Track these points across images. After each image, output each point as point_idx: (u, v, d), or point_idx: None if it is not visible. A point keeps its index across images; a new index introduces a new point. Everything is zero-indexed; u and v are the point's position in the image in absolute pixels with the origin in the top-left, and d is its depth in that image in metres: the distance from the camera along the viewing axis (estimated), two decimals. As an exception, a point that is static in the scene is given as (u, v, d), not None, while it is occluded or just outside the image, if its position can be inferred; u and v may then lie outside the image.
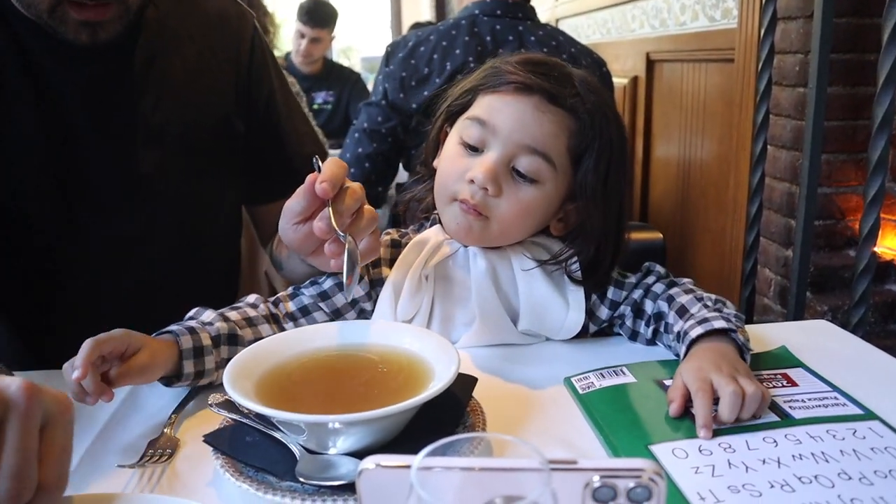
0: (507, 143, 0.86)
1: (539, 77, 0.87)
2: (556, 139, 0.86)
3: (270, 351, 0.73)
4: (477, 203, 0.86)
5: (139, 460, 0.67)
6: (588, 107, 0.87)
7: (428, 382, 0.67)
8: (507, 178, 0.86)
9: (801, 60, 1.66)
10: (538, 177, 0.87)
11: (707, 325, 0.81)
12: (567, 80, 0.88)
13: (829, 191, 1.72)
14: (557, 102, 0.86)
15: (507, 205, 0.86)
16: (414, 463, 0.41)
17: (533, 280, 0.91)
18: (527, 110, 0.86)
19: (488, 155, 0.86)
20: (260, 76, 1.13)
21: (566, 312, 0.92)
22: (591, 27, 3.38)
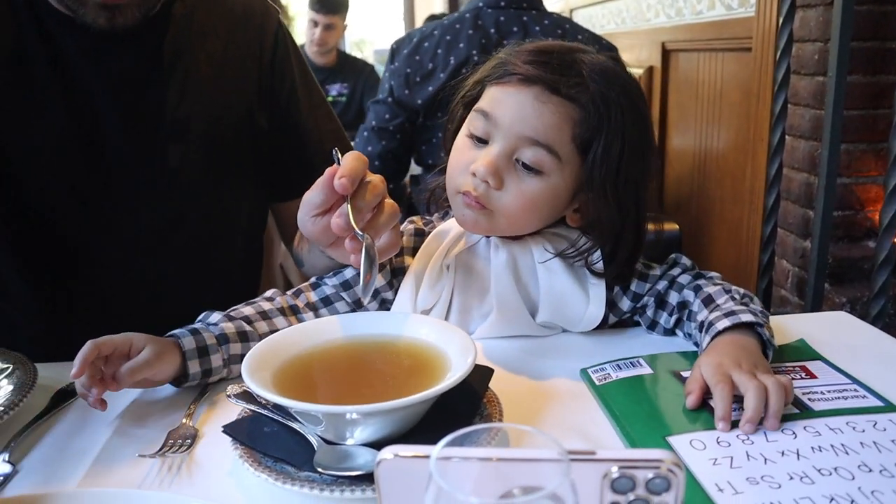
0: (508, 136, 0.85)
1: (540, 67, 0.85)
2: (559, 130, 0.84)
3: (289, 342, 0.73)
4: (479, 195, 0.85)
5: (159, 450, 0.67)
6: (593, 95, 0.84)
7: (445, 373, 0.67)
8: (511, 170, 0.86)
9: (820, 49, 1.64)
10: (542, 168, 0.85)
11: (734, 318, 0.80)
12: (571, 68, 0.85)
13: (848, 181, 1.70)
14: (559, 92, 0.84)
15: (511, 197, 0.86)
16: (433, 453, 0.41)
17: (553, 272, 0.91)
18: (527, 101, 0.85)
19: (491, 148, 0.86)
20: (283, 71, 1.13)
21: (586, 306, 0.91)
22: (605, 17, 3.36)
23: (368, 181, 0.77)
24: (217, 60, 1.05)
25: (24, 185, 0.96)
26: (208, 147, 1.05)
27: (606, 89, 0.85)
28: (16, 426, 0.73)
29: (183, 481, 0.64)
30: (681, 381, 0.78)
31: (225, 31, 1.07)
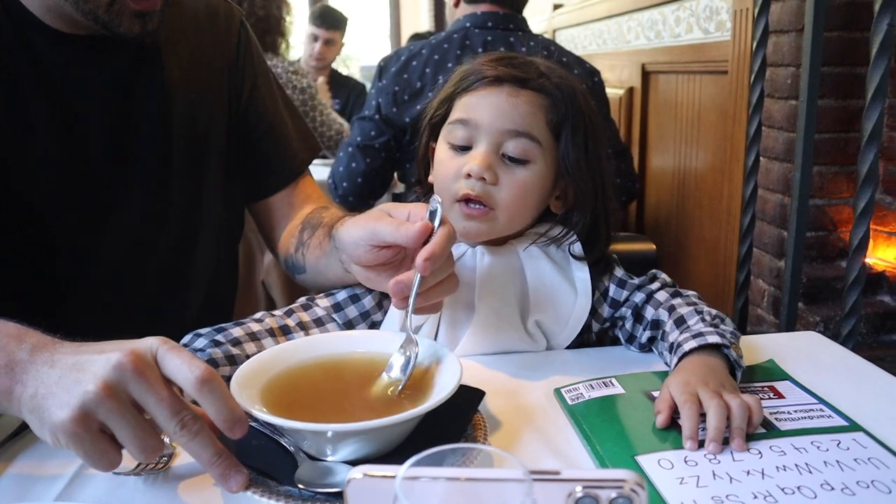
0: (491, 133, 0.90)
1: (504, 67, 0.93)
2: (535, 117, 0.91)
3: (278, 359, 0.74)
4: (479, 194, 0.89)
5: (135, 468, 0.67)
6: (555, 83, 0.93)
7: (430, 394, 0.68)
8: (500, 165, 0.91)
9: (792, 73, 1.68)
10: (528, 156, 0.91)
11: (701, 340, 0.82)
12: (530, 65, 0.94)
13: (821, 202, 1.74)
14: (527, 85, 0.92)
15: (507, 190, 0.90)
16: (399, 473, 0.42)
17: (539, 266, 0.94)
18: (501, 98, 0.91)
19: (478, 149, 0.91)
20: (248, 70, 1.15)
21: (574, 297, 0.94)
22: (587, 38, 3.40)
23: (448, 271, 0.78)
24: (187, 64, 1.07)
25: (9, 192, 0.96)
26: (186, 149, 1.05)
27: (564, 80, 0.94)
28: (-9, 445, 0.73)
29: (159, 498, 0.65)
30: (652, 401, 0.80)
31: (192, 34, 1.08)
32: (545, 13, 3.95)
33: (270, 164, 1.17)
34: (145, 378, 0.59)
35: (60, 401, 0.59)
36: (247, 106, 1.15)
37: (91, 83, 0.98)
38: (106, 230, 1.02)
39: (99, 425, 0.59)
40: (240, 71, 1.14)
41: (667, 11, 2.48)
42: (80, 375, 0.59)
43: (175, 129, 1.04)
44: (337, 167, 2.06)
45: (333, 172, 2.08)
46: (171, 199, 1.06)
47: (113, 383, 0.58)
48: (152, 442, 0.60)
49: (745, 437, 0.71)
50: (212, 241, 1.15)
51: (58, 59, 0.96)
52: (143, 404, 0.59)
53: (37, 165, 0.96)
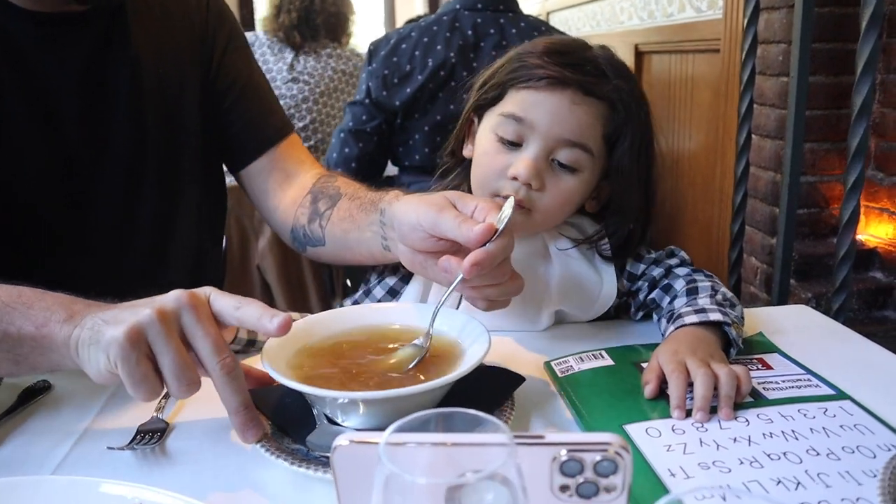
0: (546, 138, 0.87)
1: (570, 70, 0.87)
2: (593, 129, 0.89)
3: (314, 327, 0.77)
4: (522, 199, 0.87)
5: (129, 443, 0.68)
6: (619, 91, 0.89)
7: (453, 368, 0.67)
8: (548, 170, 0.89)
9: (784, 50, 1.68)
10: (578, 166, 0.89)
11: (703, 316, 0.83)
12: (596, 68, 0.89)
13: (813, 179, 1.74)
14: (592, 94, 0.88)
15: (550, 197, 0.89)
16: (382, 438, 0.42)
17: (568, 259, 0.95)
18: (563, 104, 0.87)
19: (528, 151, 0.88)
20: (214, 37, 1.12)
21: (601, 287, 0.95)
22: (581, 20, 3.39)
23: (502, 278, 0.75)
24: (156, 37, 1.05)
25: None
26: (159, 125, 1.04)
27: (625, 84, 0.90)
28: (-18, 424, 0.73)
29: (153, 472, 0.65)
30: (641, 372, 0.81)
31: (159, 7, 1.07)
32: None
33: (248, 127, 1.14)
34: (197, 312, 0.64)
35: (118, 321, 0.62)
36: (216, 73, 1.12)
37: (63, 63, 0.97)
38: (84, 212, 1.01)
39: (147, 349, 0.62)
40: (209, 39, 1.12)
41: (659, -10, 2.48)
42: (137, 308, 0.64)
43: (147, 105, 1.03)
44: (331, 153, 2.06)
45: (328, 159, 2.08)
46: (146, 176, 1.05)
47: (167, 310, 0.63)
48: (190, 374, 0.63)
49: (732, 406, 0.71)
50: (191, 221, 1.14)
51: (28, 39, 0.94)
52: (190, 337, 0.64)
53: (13, 149, 0.95)
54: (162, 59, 1.05)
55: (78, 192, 1.00)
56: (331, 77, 2.62)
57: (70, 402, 0.79)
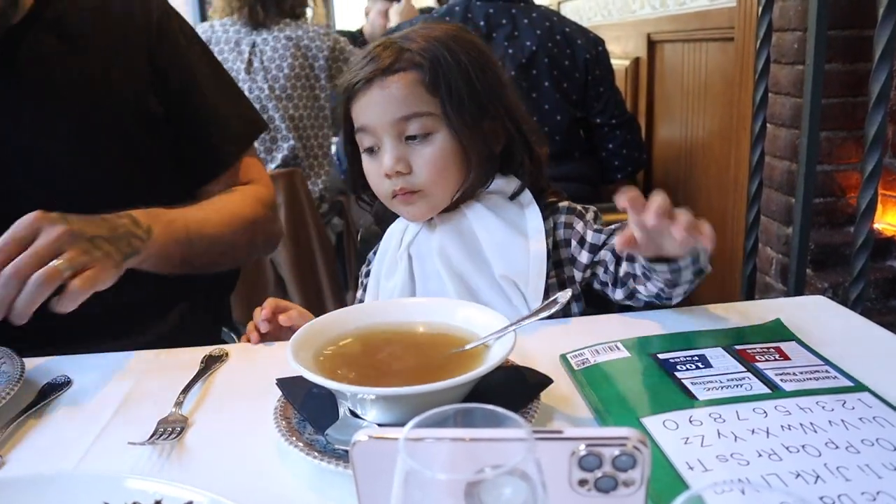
0: (385, 129, 0.94)
1: (368, 63, 0.94)
2: (413, 94, 0.93)
3: (341, 321, 0.77)
4: (403, 185, 0.95)
5: (149, 438, 0.69)
6: (416, 54, 0.94)
7: (476, 366, 0.67)
8: (409, 150, 0.95)
9: (799, 38, 1.66)
10: (427, 130, 0.94)
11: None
12: (391, 46, 0.95)
13: (829, 168, 1.72)
14: (392, 70, 0.93)
15: (423, 169, 0.94)
16: (402, 433, 0.43)
17: (488, 223, 0.98)
18: (376, 94, 0.94)
19: (383, 147, 0.95)
20: (172, 54, 1.11)
21: (527, 243, 0.97)
22: (592, 9, 3.37)
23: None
24: (99, 52, 1.04)
25: None
26: (99, 137, 1.03)
27: (425, 43, 0.95)
28: (2, 419, 0.74)
29: (173, 466, 0.66)
30: (657, 364, 0.80)
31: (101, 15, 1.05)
32: (549, -15, 3.91)
33: (204, 152, 1.15)
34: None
35: None
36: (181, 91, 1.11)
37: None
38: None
39: None
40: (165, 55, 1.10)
41: (672, -22, 2.46)
42: None
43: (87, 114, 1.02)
44: (340, 148, 2.06)
45: (338, 148, 2.08)
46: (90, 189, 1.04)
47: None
48: None
49: (691, 224, 0.77)
50: None
51: None
52: None
53: None
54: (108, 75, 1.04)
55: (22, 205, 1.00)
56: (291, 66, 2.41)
57: (90, 396, 0.80)
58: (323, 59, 2.43)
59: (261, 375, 0.81)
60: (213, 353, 0.88)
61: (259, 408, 0.73)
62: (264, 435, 0.68)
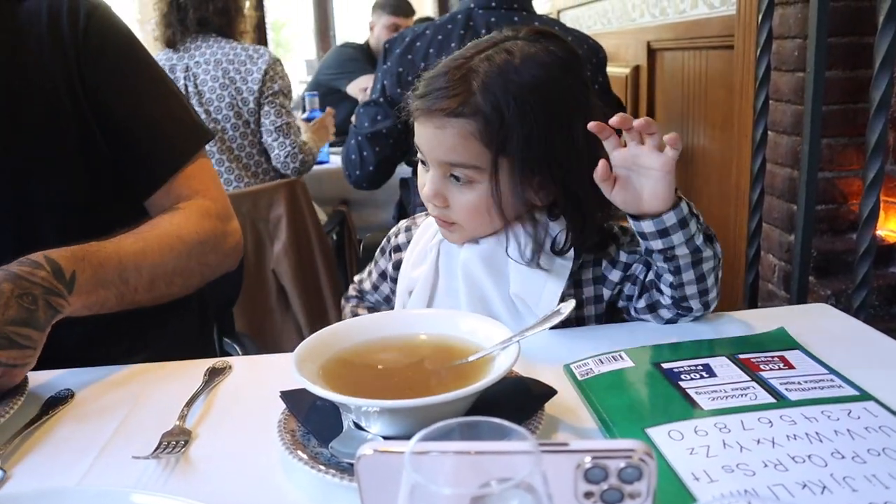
0: (433, 163, 0.95)
1: (431, 99, 0.92)
2: (466, 146, 0.91)
3: (344, 334, 0.77)
4: (438, 216, 0.97)
5: (153, 452, 0.69)
6: (482, 98, 0.90)
7: (480, 378, 0.66)
8: (449, 186, 0.94)
9: (799, 45, 1.67)
10: (470, 179, 0.93)
11: None
12: (462, 84, 0.91)
13: (831, 175, 1.72)
14: (455, 114, 0.90)
15: (458, 211, 0.95)
16: (408, 447, 0.42)
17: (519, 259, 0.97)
18: (431, 133, 0.93)
19: (429, 172, 0.96)
20: (95, 69, 1.06)
21: (546, 278, 0.95)
22: (591, 18, 3.38)
23: None
24: (12, 64, 1.00)
25: None
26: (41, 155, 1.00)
27: (495, 87, 0.90)
28: (6, 433, 0.74)
29: (177, 480, 0.66)
30: (661, 373, 0.80)
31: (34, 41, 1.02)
32: (549, -7, 3.93)
33: (137, 163, 1.10)
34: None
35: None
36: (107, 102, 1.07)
37: None
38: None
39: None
40: (89, 66, 1.05)
41: (671, -13, 2.47)
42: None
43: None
44: (348, 154, 2.06)
45: (344, 159, 2.09)
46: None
47: None
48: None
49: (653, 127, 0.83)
50: None
51: None
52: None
53: None
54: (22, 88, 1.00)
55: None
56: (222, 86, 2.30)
57: (93, 410, 0.80)
58: (252, 81, 2.31)
59: (264, 388, 0.81)
60: (216, 365, 0.88)
61: (263, 420, 0.73)
62: (268, 448, 0.68)
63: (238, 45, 2.33)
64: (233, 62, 2.29)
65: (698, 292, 0.92)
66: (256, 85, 2.31)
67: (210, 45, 2.31)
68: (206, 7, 2.29)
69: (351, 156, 2.04)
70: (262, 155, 2.40)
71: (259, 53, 2.33)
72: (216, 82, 2.28)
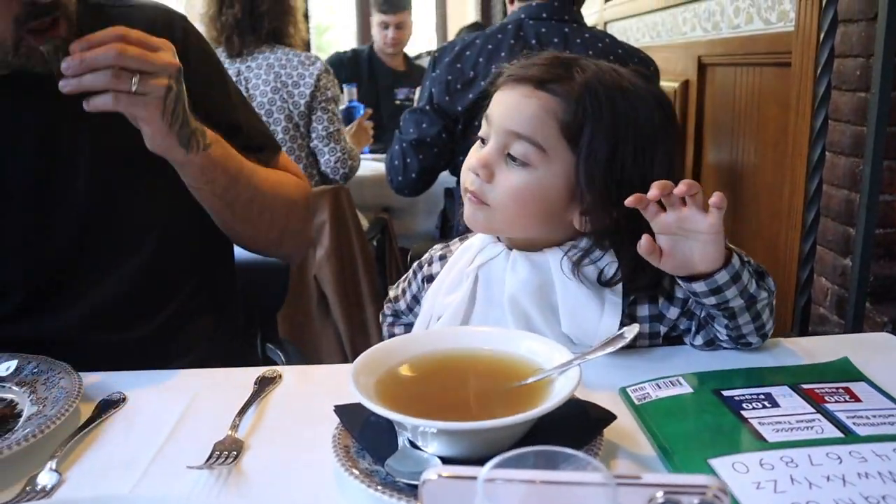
0: (499, 132, 0.90)
1: (531, 67, 0.90)
2: (543, 123, 0.88)
3: (402, 348, 0.76)
4: (475, 190, 0.91)
5: (206, 461, 0.68)
6: (578, 88, 0.88)
7: (540, 402, 0.65)
8: (501, 163, 0.90)
9: (861, 64, 1.62)
10: (528, 160, 0.89)
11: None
12: (561, 67, 0.90)
13: (890, 198, 1.67)
14: (544, 87, 0.88)
15: (500, 189, 0.90)
16: (480, 474, 0.41)
17: (569, 282, 0.91)
18: (514, 98, 0.90)
19: (489, 144, 0.91)
20: (199, 76, 1.09)
21: (600, 316, 0.90)
22: (640, 30, 3.34)
23: None
24: None
25: None
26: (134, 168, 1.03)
27: (596, 84, 0.88)
28: (61, 435, 0.74)
29: (230, 492, 0.65)
30: (721, 401, 0.78)
31: None
32: (596, 5, 3.90)
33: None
34: None
35: None
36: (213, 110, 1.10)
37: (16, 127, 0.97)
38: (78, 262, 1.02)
39: None
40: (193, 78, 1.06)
41: (725, 2, 2.42)
42: None
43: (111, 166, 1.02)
44: (391, 160, 2.07)
45: (387, 164, 2.09)
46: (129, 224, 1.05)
47: None
48: None
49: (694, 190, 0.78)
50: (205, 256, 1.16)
51: None
52: None
53: None
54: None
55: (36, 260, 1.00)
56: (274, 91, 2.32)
57: (145, 415, 0.80)
58: (305, 86, 2.33)
59: (315, 399, 0.80)
60: (266, 374, 0.88)
61: (316, 434, 0.72)
62: (322, 463, 0.68)
63: (290, 51, 2.36)
64: (285, 67, 2.33)
65: (755, 329, 0.89)
66: (309, 90, 2.34)
67: (262, 51, 2.34)
68: (284, 19, 2.35)
69: (394, 161, 2.05)
70: (310, 159, 2.43)
71: (311, 60, 2.37)
72: (268, 86, 2.31)
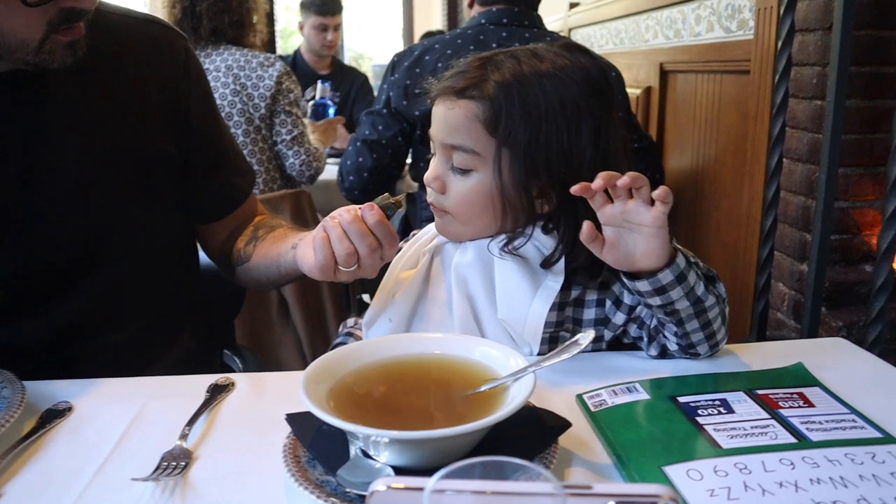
0: (439, 147, 0.94)
1: (451, 78, 0.93)
2: (470, 129, 0.90)
3: (352, 356, 0.75)
4: (433, 202, 0.96)
5: (152, 473, 0.66)
6: (493, 85, 0.89)
7: (495, 409, 0.64)
8: (449, 174, 0.94)
9: (818, 73, 1.65)
10: (469, 167, 0.92)
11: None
12: (480, 68, 0.92)
13: (846, 205, 1.70)
14: (464, 95, 0.91)
15: (453, 198, 0.94)
16: (427, 486, 0.40)
17: (507, 267, 0.93)
18: (442, 111, 0.93)
19: (435, 157, 0.96)
20: (195, 98, 1.12)
21: (531, 301, 0.91)
22: (604, 37, 3.38)
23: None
24: (122, 96, 1.03)
25: None
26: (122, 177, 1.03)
27: (509, 77, 0.90)
28: (1, 448, 0.71)
29: (177, 503, 0.63)
30: (678, 407, 0.78)
31: (131, 65, 1.05)
32: (560, 12, 3.93)
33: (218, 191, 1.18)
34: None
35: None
36: (203, 133, 1.14)
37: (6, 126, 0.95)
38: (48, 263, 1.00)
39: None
40: (190, 100, 1.11)
41: (686, 10, 2.45)
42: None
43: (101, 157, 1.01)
44: (345, 160, 2.06)
45: (341, 164, 2.08)
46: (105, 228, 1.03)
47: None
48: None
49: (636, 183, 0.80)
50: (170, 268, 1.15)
51: None
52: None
53: None
54: (125, 117, 1.03)
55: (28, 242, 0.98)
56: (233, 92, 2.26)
57: (91, 425, 0.78)
58: (265, 88, 2.29)
59: (268, 407, 0.78)
60: (218, 381, 0.86)
61: (266, 443, 0.70)
62: (272, 473, 0.66)
63: (249, 52, 2.31)
64: (244, 68, 2.28)
65: (705, 338, 0.89)
66: (269, 92, 2.29)
67: (220, 53, 2.29)
68: (222, 18, 2.27)
69: (347, 161, 2.04)
70: (272, 162, 2.39)
71: (270, 61, 2.31)
72: (227, 88, 2.26)
